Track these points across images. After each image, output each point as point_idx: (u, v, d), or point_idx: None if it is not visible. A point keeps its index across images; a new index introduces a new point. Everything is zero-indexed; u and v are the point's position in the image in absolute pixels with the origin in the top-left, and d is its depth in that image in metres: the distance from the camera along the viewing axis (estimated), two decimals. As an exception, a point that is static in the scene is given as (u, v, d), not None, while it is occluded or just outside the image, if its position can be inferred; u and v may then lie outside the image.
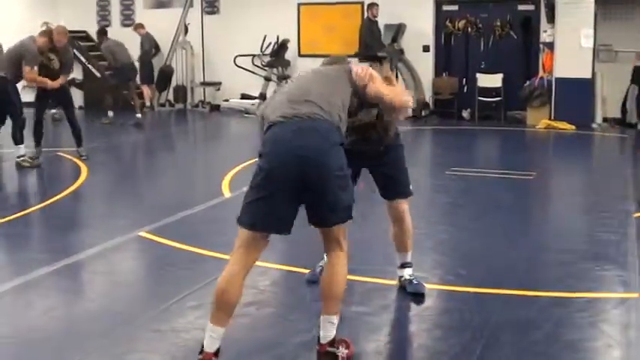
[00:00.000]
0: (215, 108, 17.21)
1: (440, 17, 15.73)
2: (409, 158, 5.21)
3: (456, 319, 4.77)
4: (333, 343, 3.96)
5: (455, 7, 15.59)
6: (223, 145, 13.86)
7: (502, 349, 4.32)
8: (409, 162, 5.17)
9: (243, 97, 16.94)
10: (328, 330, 3.95)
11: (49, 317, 5.01)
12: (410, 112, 4.36)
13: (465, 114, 15.33)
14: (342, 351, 3.97)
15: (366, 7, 15.63)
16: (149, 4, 18.50)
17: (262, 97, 16.28)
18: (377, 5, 15.30)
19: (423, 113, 15.35)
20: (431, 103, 15.68)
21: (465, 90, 15.45)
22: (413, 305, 5.05)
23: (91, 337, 4.53)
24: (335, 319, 3.95)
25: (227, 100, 17.08)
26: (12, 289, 5.50)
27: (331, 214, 3.88)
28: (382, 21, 15.44)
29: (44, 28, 10.33)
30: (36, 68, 10.02)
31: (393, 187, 5.16)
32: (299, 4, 16.65)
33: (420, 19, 15.53)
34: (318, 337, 3.98)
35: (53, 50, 10.24)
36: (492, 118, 14.93)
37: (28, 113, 10.38)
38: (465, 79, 15.51)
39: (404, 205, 5.19)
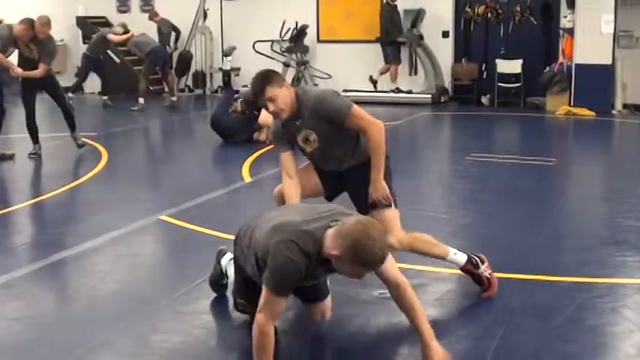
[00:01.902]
0: (235, 93, 17.21)
1: (459, 2, 15.65)
2: (429, 144, 5.19)
3: (477, 303, 4.79)
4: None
5: (475, -7, 15.52)
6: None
7: (524, 333, 4.33)
8: (429, 147, 5.15)
9: (262, 82, 16.92)
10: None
11: (74, 298, 5.08)
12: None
13: (485, 100, 15.28)
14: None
15: (385, -7, 15.61)
16: (169, -10, 18.51)
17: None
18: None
19: (442, 99, 15.33)
20: (450, 89, 15.64)
21: (485, 76, 15.38)
22: (435, 289, 5.06)
23: (115, 317, 4.58)
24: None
25: (246, 86, 17.04)
26: (36, 270, 5.57)
27: None
28: (402, 6, 15.41)
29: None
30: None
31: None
32: (319, -10, 16.65)
33: (440, 4, 15.48)
34: None
35: (33, 40, 9.85)
36: (512, 104, 14.86)
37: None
38: (484, 65, 15.44)
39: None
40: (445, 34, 15.64)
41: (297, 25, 16.37)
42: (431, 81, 15.42)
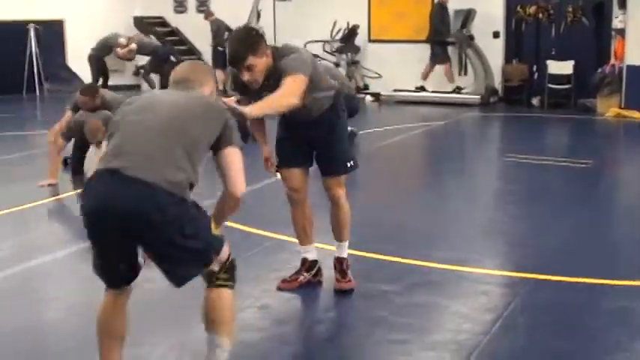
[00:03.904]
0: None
1: (511, 3, 15.55)
2: (470, 145, 5.26)
3: (494, 302, 4.90)
4: None
5: (526, -7, 15.43)
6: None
7: (572, 333, 4.42)
8: (469, 148, 5.22)
9: (314, 82, 17.10)
10: None
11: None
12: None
13: (535, 101, 15.17)
14: None
15: (436, -7, 15.65)
16: (224, -9, 18.80)
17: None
18: (448, -10, 15.31)
19: (492, 100, 15.30)
20: (500, 90, 15.59)
21: (535, 77, 15.28)
22: (469, 292, 5.15)
23: (160, 307, 4.75)
24: None
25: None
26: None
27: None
28: (452, 6, 15.44)
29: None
30: None
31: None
32: (371, -10, 16.75)
33: (491, 4, 15.41)
34: None
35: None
36: (562, 105, 14.71)
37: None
38: (535, 66, 15.31)
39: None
40: (496, 35, 15.57)
41: (348, 25, 16.49)
42: (480, 81, 15.39)
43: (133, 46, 15.35)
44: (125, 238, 3.34)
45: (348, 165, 4.95)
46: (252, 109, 4.06)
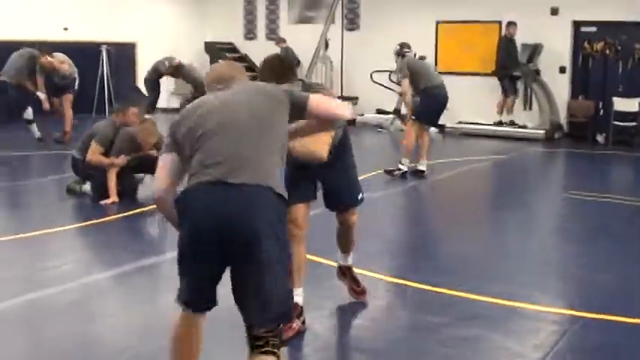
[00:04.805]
0: (351, 122, 17.48)
1: (578, 38, 15.50)
2: (532, 179, 5.26)
3: (543, 339, 4.90)
4: None
5: (593, 29, 15.30)
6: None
7: None
8: (531, 183, 5.22)
9: (379, 112, 17.23)
10: None
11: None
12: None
13: (600, 138, 15.04)
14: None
15: (504, 26, 15.65)
16: (293, 20, 19.09)
17: (396, 112, 16.53)
18: (515, 24, 15.29)
19: (556, 136, 15.21)
20: (565, 126, 15.49)
21: (601, 113, 15.16)
22: (519, 327, 5.17)
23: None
24: None
25: (362, 115, 17.38)
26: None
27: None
28: (519, 40, 15.42)
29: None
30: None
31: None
32: (437, 22, 16.79)
33: (558, 39, 15.37)
34: None
35: None
36: (627, 143, 14.58)
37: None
38: (601, 103, 15.21)
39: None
40: (562, 70, 15.53)
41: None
42: (545, 116, 15.33)
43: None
44: (225, 255, 3.29)
45: (359, 197, 5.08)
46: None
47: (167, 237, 7.49)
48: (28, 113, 13.02)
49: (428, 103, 10.88)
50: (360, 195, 5.08)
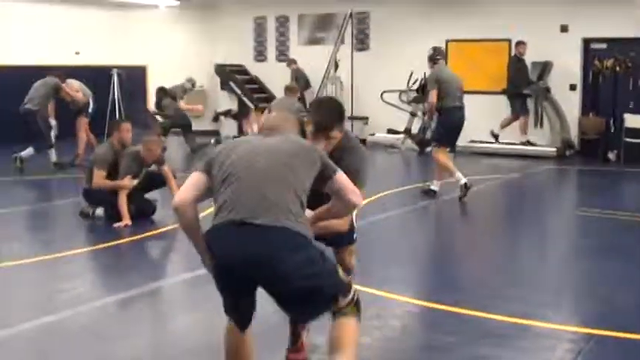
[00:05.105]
0: (361, 142, 17.50)
1: (588, 55, 15.50)
2: (544, 197, 5.25)
3: (557, 357, 4.89)
4: None
5: (603, 46, 15.31)
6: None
7: None
8: (543, 200, 5.20)
9: (390, 131, 17.24)
10: None
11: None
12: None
13: (611, 155, 14.97)
14: None
15: (513, 45, 15.69)
16: (303, 41, 19.15)
17: (407, 132, 16.56)
18: (524, 43, 15.34)
19: (567, 153, 15.18)
20: (576, 143, 15.47)
21: (612, 130, 15.12)
22: (533, 346, 5.15)
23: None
24: None
25: (373, 134, 17.39)
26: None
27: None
28: (530, 58, 15.45)
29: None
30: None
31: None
32: (447, 41, 16.79)
33: (568, 57, 15.39)
34: None
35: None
36: (639, 160, 14.52)
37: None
38: (612, 120, 15.18)
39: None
40: (572, 87, 15.53)
41: (424, 75, 16.56)
42: (556, 134, 15.32)
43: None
44: (254, 284, 3.66)
45: (354, 236, 4.82)
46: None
47: (179, 259, 7.54)
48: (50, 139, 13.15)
49: (444, 123, 10.95)
50: (356, 234, 4.84)
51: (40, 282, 6.78)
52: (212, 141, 16.42)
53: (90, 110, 13.83)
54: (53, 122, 13.44)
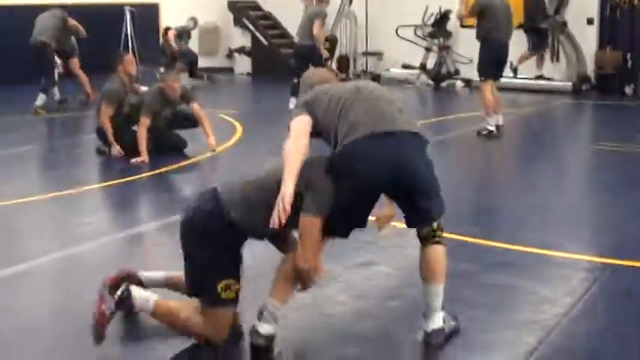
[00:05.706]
0: (376, 78, 17.43)
1: (606, -11, 15.30)
2: (560, 132, 5.28)
3: (574, 286, 4.95)
4: None
5: (621, -21, 15.10)
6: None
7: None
8: (559, 135, 5.24)
9: (404, 67, 17.15)
10: None
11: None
12: None
13: (628, 89, 14.85)
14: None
15: (531, -22, 15.49)
16: (317, -25, 18.92)
17: (423, 67, 16.48)
18: (542, -24, 15.14)
19: (584, 88, 15.07)
20: (592, 78, 15.35)
21: (629, 65, 14.97)
22: (551, 275, 5.22)
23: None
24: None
25: (388, 70, 17.32)
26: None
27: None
28: (546, -8, 15.25)
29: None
30: None
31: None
32: (463, -26, 16.63)
33: (585, -10, 15.20)
34: None
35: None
36: (656, 94, 14.45)
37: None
38: (629, 54, 15.00)
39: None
40: (590, 21, 15.32)
41: (440, 10, 16.45)
42: (572, 69, 15.20)
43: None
44: (390, 185, 4.03)
45: None
46: None
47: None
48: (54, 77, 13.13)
49: (487, 54, 10.42)
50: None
51: (60, 217, 6.91)
52: (205, 77, 16.64)
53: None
54: (58, 60, 13.28)
